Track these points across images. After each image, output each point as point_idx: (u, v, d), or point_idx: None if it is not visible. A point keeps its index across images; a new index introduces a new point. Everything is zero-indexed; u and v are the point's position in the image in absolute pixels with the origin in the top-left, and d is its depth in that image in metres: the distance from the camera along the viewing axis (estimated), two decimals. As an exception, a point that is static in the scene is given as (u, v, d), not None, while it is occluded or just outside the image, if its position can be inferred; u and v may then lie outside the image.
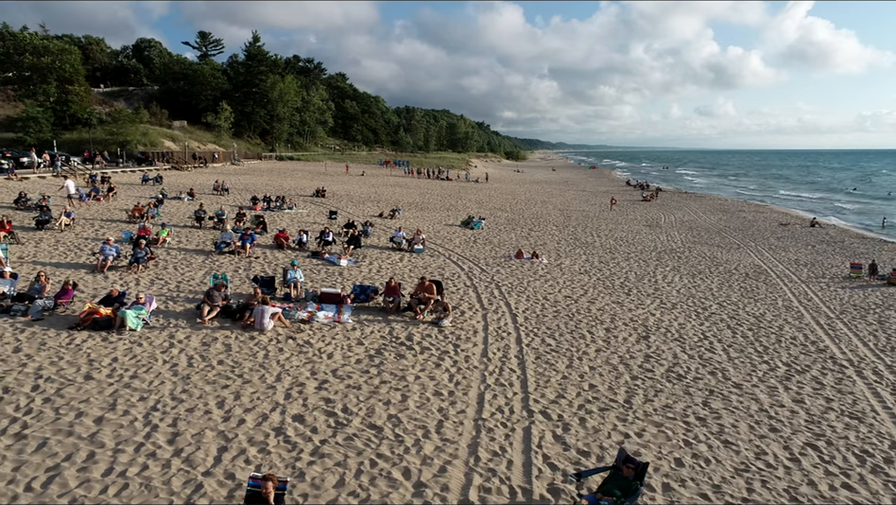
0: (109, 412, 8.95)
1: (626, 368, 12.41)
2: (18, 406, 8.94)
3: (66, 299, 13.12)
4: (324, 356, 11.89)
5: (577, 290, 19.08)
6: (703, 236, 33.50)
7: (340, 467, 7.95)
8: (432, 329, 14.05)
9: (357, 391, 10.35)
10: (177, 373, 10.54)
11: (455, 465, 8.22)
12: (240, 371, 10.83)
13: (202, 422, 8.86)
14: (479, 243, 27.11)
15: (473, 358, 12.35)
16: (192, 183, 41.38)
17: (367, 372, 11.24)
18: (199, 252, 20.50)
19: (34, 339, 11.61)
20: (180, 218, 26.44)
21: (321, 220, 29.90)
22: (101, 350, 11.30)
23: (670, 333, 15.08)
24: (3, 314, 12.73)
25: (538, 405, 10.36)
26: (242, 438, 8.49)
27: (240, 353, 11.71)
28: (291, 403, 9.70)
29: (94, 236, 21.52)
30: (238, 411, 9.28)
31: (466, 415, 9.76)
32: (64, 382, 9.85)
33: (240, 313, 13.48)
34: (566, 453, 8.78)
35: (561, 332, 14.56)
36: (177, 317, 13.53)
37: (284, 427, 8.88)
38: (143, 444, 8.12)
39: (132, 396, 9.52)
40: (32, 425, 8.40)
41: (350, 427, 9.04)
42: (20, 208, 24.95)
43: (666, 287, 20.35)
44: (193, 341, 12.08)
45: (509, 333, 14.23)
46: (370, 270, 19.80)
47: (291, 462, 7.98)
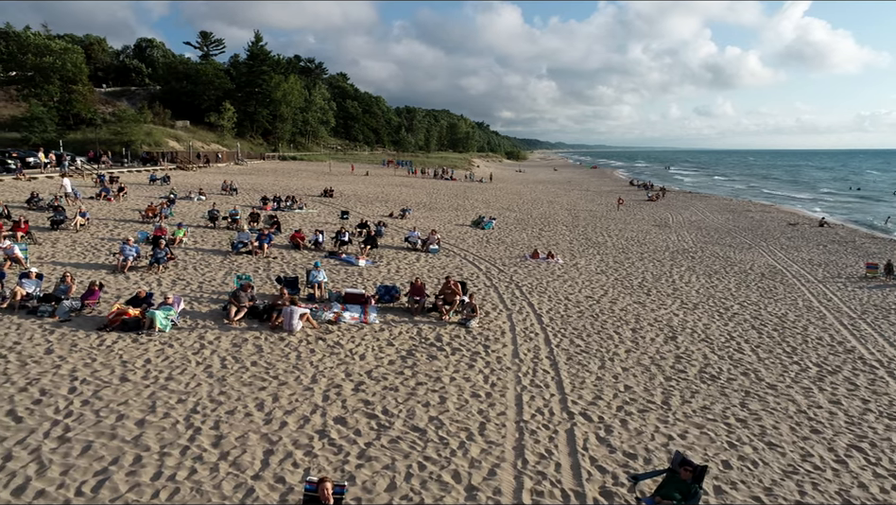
0: (149, 414, 8.83)
1: (658, 369, 12.31)
2: (57, 408, 8.82)
3: (93, 300, 13.01)
4: (356, 357, 11.77)
5: (598, 291, 18.98)
6: (714, 236, 33.41)
7: (389, 470, 7.85)
8: (459, 330, 13.95)
9: (395, 393, 10.24)
10: (212, 374, 10.43)
11: (503, 468, 8.12)
12: (275, 372, 10.72)
13: (244, 424, 8.75)
14: (492, 243, 27.01)
15: (505, 359, 12.26)
16: (199, 183, 41.23)
17: (401, 373, 11.13)
18: (217, 252, 20.38)
19: (64, 340, 11.48)
20: (192, 218, 26.31)
21: (332, 220, 29.78)
22: (133, 351, 11.18)
23: (696, 333, 14.99)
24: (30, 315, 12.61)
25: (577, 406, 10.26)
26: (286, 441, 8.38)
27: (272, 354, 11.59)
28: (330, 405, 9.60)
29: (110, 236, 21.38)
30: (279, 414, 9.17)
31: (507, 417, 9.66)
32: (101, 384, 9.73)
33: (267, 314, 13.36)
34: (613, 456, 8.68)
35: (589, 333, 14.46)
36: (204, 318, 13.42)
37: (327, 430, 8.77)
38: (188, 448, 8.01)
39: (171, 398, 9.40)
40: (74, 427, 8.28)
41: (393, 430, 8.94)
42: (32, 208, 24.81)
43: (685, 287, 20.26)
44: (223, 342, 11.96)
45: (537, 334, 14.13)
46: (388, 271, 19.69)
47: (339, 466, 7.87)
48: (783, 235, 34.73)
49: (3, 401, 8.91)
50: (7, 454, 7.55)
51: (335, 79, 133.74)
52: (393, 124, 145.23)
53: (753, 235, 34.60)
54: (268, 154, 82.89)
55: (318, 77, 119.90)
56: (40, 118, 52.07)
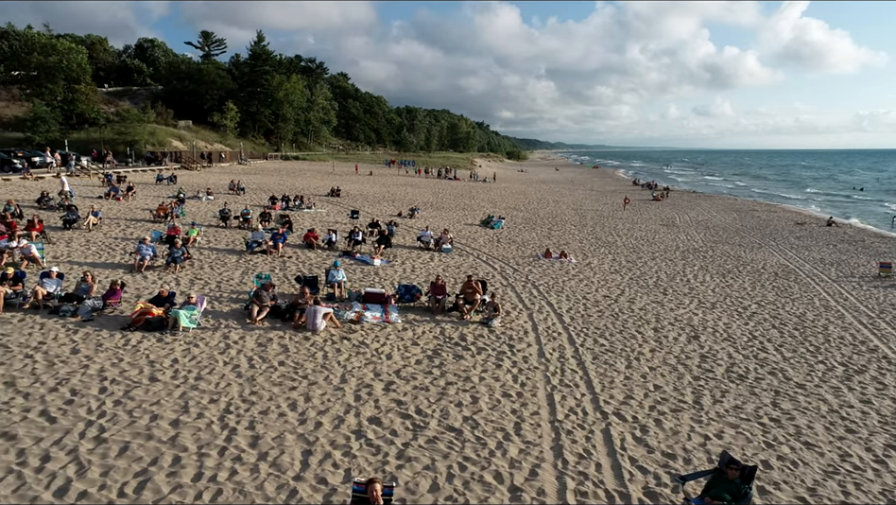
0: (183, 415, 8.74)
1: (685, 368, 12.24)
2: (90, 408, 8.73)
3: (115, 299, 12.91)
4: (383, 356, 11.69)
5: (614, 290, 18.91)
6: (722, 236, 33.34)
7: (430, 471, 7.76)
8: (482, 329, 13.87)
9: (426, 393, 10.16)
10: (240, 374, 10.34)
11: (544, 469, 8.03)
12: (303, 372, 10.63)
13: (280, 425, 8.66)
14: (503, 242, 26.93)
15: (532, 359, 12.18)
16: (204, 183, 41.13)
17: (430, 373, 11.05)
18: (231, 251, 20.29)
19: (89, 339, 11.38)
20: (202, 218, 26.21)
21: (341, 220, 29.70)
22: (159, 351, 11.08)
23: (718, 333, 14.91)
24: (52, 314, 12.51)
25: (609, 406, 10.18)
26: (323, 441, 8.29)
27: (298, 354, 11.50)
28: (363, 405, 9.51)
29: (123, 236, 21.28)
30: (312, 414, 9.08)
31: (541, 417, 9.58)
32: (131, 384, 9.64)
33: (289, 313, 13.28)
34: (652, 456, 8.60)
35: (611, 332, 14.38)
36: (226, 317, 13.33)
37: (363, 430, 8.68)
38: (225, 448, 7.92)
39: (202, 398, 9.31)
40: (109, 428, 8.19)
41: (428, 430, 8.85)
42: (43, 207, 24.69)
43: (700, 286, 20.18)
44: (248, 342, 11.87)
45: (560, 333, 14.05)
46: (403, 270, 19.61)
47: (379, 466, 7.79)
48: (791, 235, 34.66)
49: (35, 401, 8.81)
50: (44, 455, 7.45)
51: (335, 79, 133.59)
52: (394, 124, 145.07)
53: (762, 234, 34.52)
54: (271, 154, 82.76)
55: (319, 76, 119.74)
56: (43, 118, 51.89)
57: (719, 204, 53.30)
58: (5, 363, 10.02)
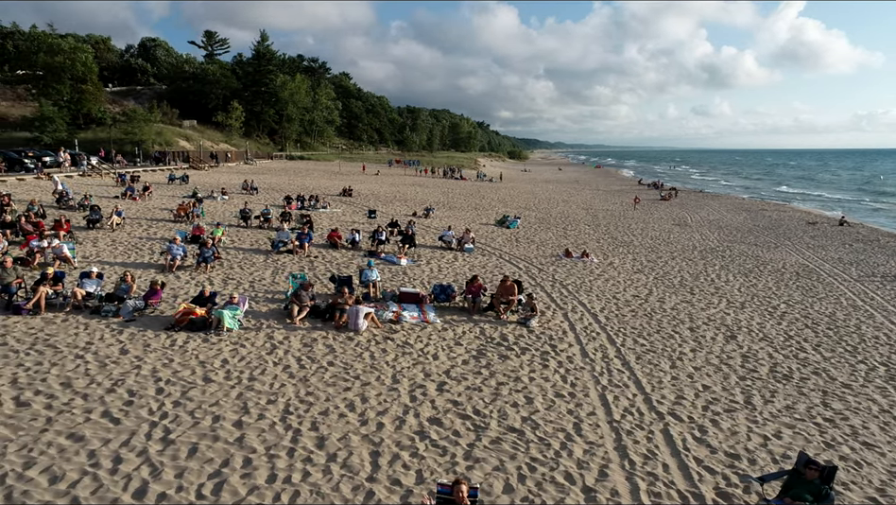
0: (244, 416, 8.69)
1: (729, 368, 12.21)
2: (151, 409, 8.67)
3: (155, 299, 12.86)
4: (429, 357, 11.65)
5: (642, 290, 18.87)
6: (736, 235, 33.32)
7: (501, 472, 7.72)
8: (521, 329, 13.84)
9: (480, 393, 10.12)
10: (292, 375, 10.29)
11: (612, 469, 8.00)
12: (354, 372, 10.59)
13: (342, 426, 8.62)
14: (522, 242, 26.90)
15: (576, 359, 12.14)
16: (215, 182, 41.08)
17: (479, 373, 11.01)
18: (256, 251, 20.24)
19: (135, 340, 11.33)
20: (221, 217, 26.15)
21: (358, 219, 29.66)
22: (207, 351, 11.03)
23: (754, 333, 14.89)
24: (93, 314, 12.44)
25: (663, 406, 10.15)
26: (389, 442, 8.25)
27: (345, 354, 11.46)
28: (420, 406, 9.46)
29: (147, 235, 21.22)
30: (372, 415, 9.04)
31: (598, 417, 9.54)
32: (186, 385, 9.59)
33: (329, 313, 13.23)
34: (716, 456, 8.57)
35: (648, 332, 14.35)
36: (266, 317, 13.28)
37: (425, 431, 8.64)
38: (293, 449, 7.87)
39: (260, 399, 9.26)
40: (174, 429, 8.14)
41: (490, 431, 8.81)
42: (62, 207, 24.60)
43: (725, 286, 20.16)
44: (293, 342, 11.83)
45: (598, 333, 14.02)
46: (430, 270, 19.57)
47: (448, 467, 7.75)
48: (805, 234, 34.66)
49: (95, 402, 8.76)
50: (115, 456, 7.39)
51: (337, 79, 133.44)
52: (396, 123, 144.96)
53: (775, 234, 34.52)
54: (276, 154, 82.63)
55: (321, 76, 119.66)
56: (51, 118, 51.75)
57: (728, 204, 53.31)
58: (58, 364, 9.96)
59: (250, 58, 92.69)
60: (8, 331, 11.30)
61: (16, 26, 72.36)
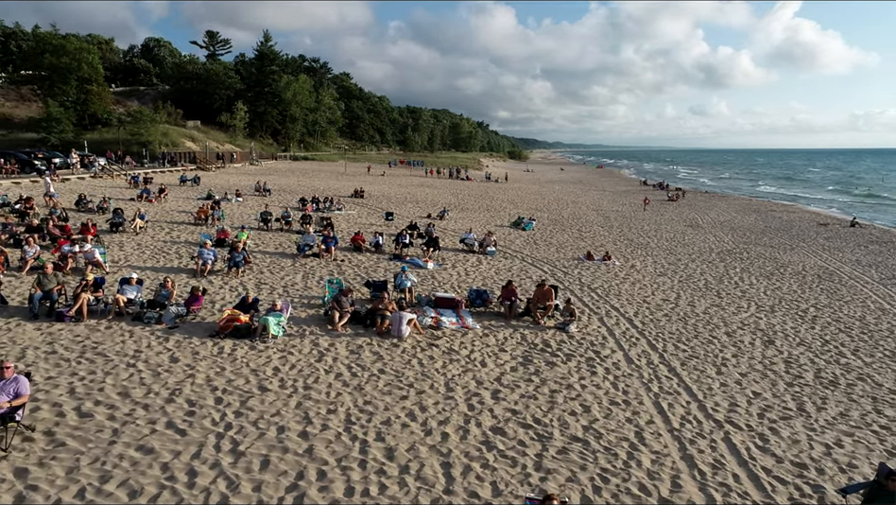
0: (307, 426, 8.63)
1: (775, 374, 12.18)
2: (214, 420, 8.60)
3: (197, 305, 12.77)
4: (477, 364, 11.60)
5: (670, 293, 18.84)
6: (750, 237, 33.31)
7: (575, 483, 7.66)
8: (560, 334, 13.79)
9: (535, 401, 10.07)
10: (346, 383, 10.23)
11: (684, 480, 7.95)
12: (407, 380, 10.53)
13: (407, 436, 8.55)
14: (540, 244, 26.86)
15: (622, 365, 12.09)
16: (224, 184, 40.96)
17: (530, 380, 10.96)
18: (281, 254, 20.15)
19: (183, 347, 11.25)
20: (238, 219, 26.06)
21: (374, 221, 29.58)
22: (256, 359, 10.96)
23: (790, 338, 14.86)
24: (135, 321, 12.35)
25: (719, 414, 10.11)
26: (457, 453, 8.19)
27: (393, 361, 11.40)
28: (479, 414, 9.41)
29: (170, 239, 21.11)
30: (434, 424, 8.98)
31: (657, 426, 9.50)
32: (243, 394, 9.52)
33: (370, 319, 13.16)
34: (783, 466, 8.54)
35: (687, 337, 14.31)
36: (306, 323, 13.21)
37: (491, 441, 8.59)
38: (364, 461, 7.81)
39: (319, 408, 9.20)
40: (242, 441, 8.06)
41: (554, 440, 8.76)
42: (82, 210, 24.46)
43: (750, 289, 20.14)
44: (339, 349, 11.76)
45: (637, 338, 13.98)
46: (457, 274, 19.50)
47: (522, 479, 7.70)
48: (819, 236, 34.67)
49: (157, 412, 8.68)
50: (189, 469, 7.32)
51: (339, 79, 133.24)
52: (398, 124, 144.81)
53: (789, 235, 34.52)
54: (280, 154, 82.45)
55: (323, 76, 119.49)
56: (58, 119, 51.53)
57: (736, 205, 53.32)
58: (111, 373, 9.87)
59: (253, 58, 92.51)
60: (55, 339, 11.20)
61: (19, 26, 72.08)
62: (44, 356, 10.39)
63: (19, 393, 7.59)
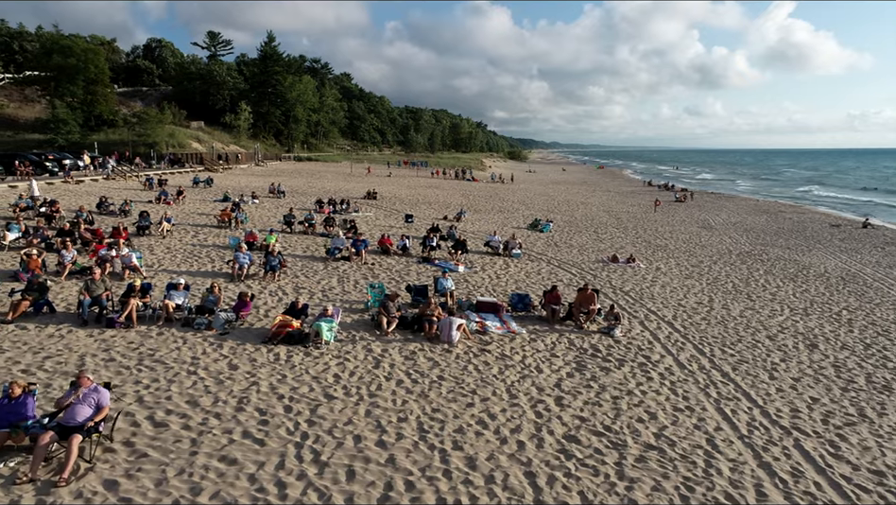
0: (382, 435, 8.56)
1: (826, 379, 12.17)
2: (289, 429, 8.53)
3: (246, 311, 12.67)
4: (533, 369, 11.54)
5: (702, 296, 18.82)
6: (766, 238, 33.35)
7: (661, 492, 7.61)
8: (606, 339, 13.74)
9: (600, 408, 10.02)
10: (409, 390, 10.16)
11: (768, 489, 7.91)
12: (468, 387, 10.47)
13: (483, 444, 8.48)
14: (562, 247, 26.83)
15: (675, 371, 12.06)
16: (235, 185, 40.83)
17: (589, 386, 10.91)
18: (311, 257, 20.07)
19: (239, 354, 11.16)
20: (259, 221, 25.94)
21: (392, 223, 29.49)
22: (314, 366, 10.89)
23: (831, 341, 14.86)
24: (185, 327, 12.24)
25: (783, 420, 10.08)
26: (537, 462, 8.13)
27: (450, 367, 11.34)
28: (549, 422, 9.35)
29: (198, 242, 20.99)
30: (506, 432, 8.93)
31: (726, 433, 9.46)
32: (310, 402, 9.44)
33: (417, 324, 13.09)
34: (860, 473, 8.51)
35: (731, 341, 14.29)
36: (353, 328, 13.13)
37: (568, 450, 8.53)
38: (448, 470, 7.75)
39: (389, 416, 9.13)
40: (322, 451, 7.99)
41: (630, 448, 8.71)
42: (103, 213, 24.31)
43: (778, 292, 20.14)
44: (394, 355, 11.69)
45: (683, 343, 13.95)
46: (489, 277, 19.44)
47: (609, 488, 7.64)
48: (833, 238, 34.73)
49: (230, 421, 8.60)
50: (277, 480, 7.26)
51: (339, 80, 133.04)
52: (398, 124, 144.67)
53: (803, 237, 34.58)
54: (284, 155, 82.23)
55: (324, 77, 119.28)
56: (65, 119, 51.26)
57: (744, 206, 53.43)
58: (174, 381, 9.78)
59: (256, 58, 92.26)
60: (110, 346, 11.10)
61: (23, 26, 71.73)
62: (103, 363, 10.28)
63: (101, 404, 7.49)
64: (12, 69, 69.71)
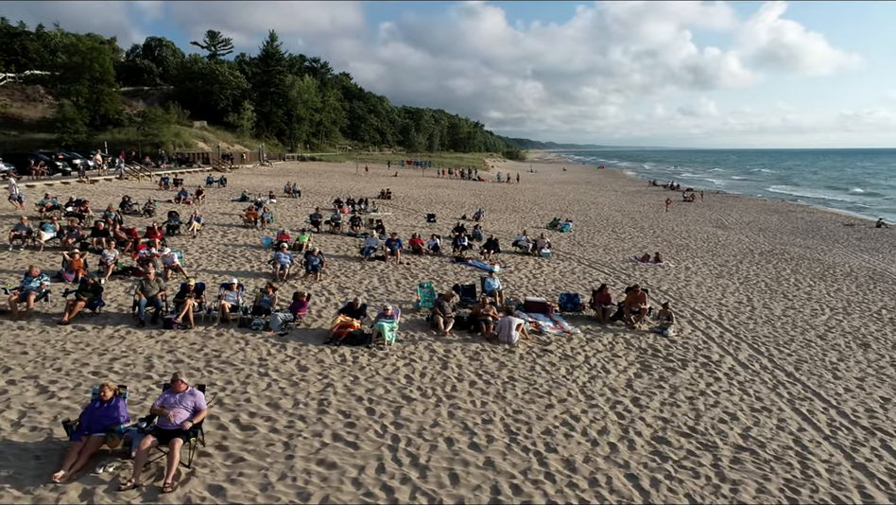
0: (472, 437, 8.39)
1: (890, 378, 12.09)
2: (377, 431, 8.36)
3: (303, 311, 12.47)
4: (599, 370, 11.41)
5: (740, 295, 18.75)
6: (783, 238, 33.35)
7: (768, 495, 7.48)
8: (661, 339, 13.62)
9: (678, 409, 9.90)
10: (484, 391, 10.03)
11: (871, 491, 7.82)
12: (543, 388, 10.35)
13: (574, 446, 8.34)
14: (586, 246, 26.73)
15: (739, 371, 11.96)
16: (247, 185, 40.56)
17: (661, 387, 10.79)
18: (345, 257, 19.88)
19: (304, 355, 10.97)
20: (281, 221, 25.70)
21: (411, 223, 29.34)
22: (383, 367, 10.73)
23: (880, 340, 14.80)
24: (242, 327, 12.04)
25: (861, 420, 10.00)
26: (635, 464, 8.01)
27: (517, 368, 11.19)
28: (633, 424, 9.22)
29: (230, 242, 20.76)
30: (593, 433, 8.81)
31: (810, 433, 9.36)
32: (389, 403, 9.29)
33: (474, 324, 12.93)
34: (959, 474, 8.37)
35: (784, 341, 14.21)
36: (410, 328, 12.96)
37: (662, 452, 8.41)
38: (550, 473, 7.59)
39: (474, 418, 8.98)
40: (419, 454, 7.83)
41: (721, 449, 8.59)
42: (127, 212, 24.03)
43: (812, 291, 20.09)
44: (458, 356, 11.54)
45: (737, 342, 13.86)
46: (525, 276, 19.30)
47: (714, 490, 7.51)
48: (850, 237, 34.78)
49: (316, 424, 8.43)
50: (382, 484, 7.08)
51: (339, 80, 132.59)
52: (398, 124, 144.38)
53: (819, 236, 34.63)
54: (287, 155, 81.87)
55: (324, 76, 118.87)
56: (72, 119, 50.80)
57: (752, 206, 53.51)
58: (249, 382, 9.59)
59: (256, 58, 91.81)
60: (172, 347, 10.89)
61: (24, 25, 71.10)
62: (171, 365, 10.08)
63: (198, 407, 7.30)
64: (14, 68, 69.11)
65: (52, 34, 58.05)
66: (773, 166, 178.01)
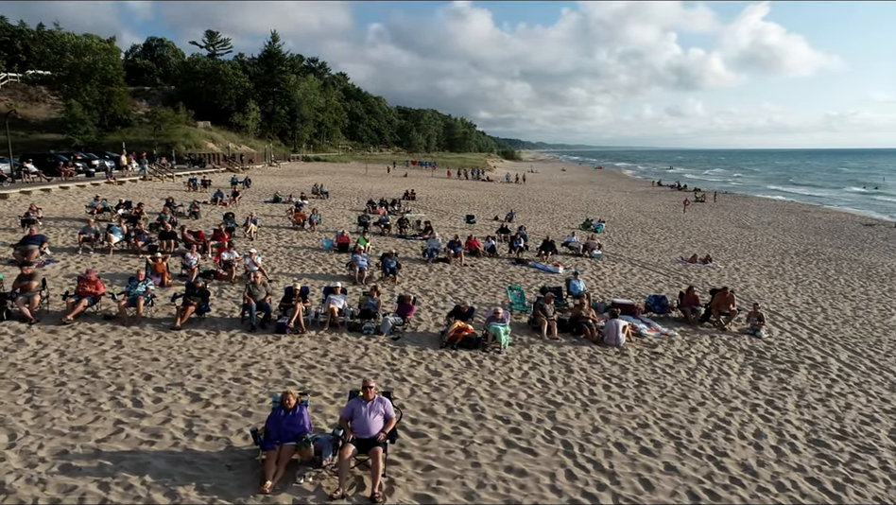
0: (638, 441, 8.33)
1: None
2: (543, 437, 8.29)
3: (410, 314, 12.35)
4: (718, 372, 11.45)
5: (804, 296, 18.87)
6: (810, 238, 33.59)
7: (932, 499, 7.48)
8: (757, 340, 13.64)
9: (816, 411, 9.95)
10: (622, 395, 10.00)
11: None
12: (675, 391, 10.36)
13: (740, 450, 8.32)
14: (628, 247, 26.78)
15: (849, 372, 12.03)
16: (267, 186, 40.16)
17: (787, 389, 10.84)
18: (407, 259, 19.73)
19: (428, 359, 10.86)
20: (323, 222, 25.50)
21: (447, 223, 29.23)
22: (511, 371, 10.66)
23: (963, 341, 14.89)
24: (352, 332, 11.89)
25: None
26: (808, 467, 8.00)
27: (637, 371, 11.19)
28: (782, 426, 9.21)
29: (288, 244, 20.56)
30: (750, 436, 8.78)
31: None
32: (540, 408, 9.22)
33: (576, 327, 12.88)
34: None
35: (873, 342, 14.35)
36: (513, 331, 12.86)
37: (826, 455, 8.44)
38: (734, 478, 7.56)
39: (629, 423, 8.93)
40: (601, 460, 7.75)
41: (881, 452, 8.59)
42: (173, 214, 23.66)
43: (867, 291, 20.26)
44: (577, 360, 11.49)
45: (830, 343, 13.93)
46: (587, 278, 19.25)
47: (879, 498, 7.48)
48: (875, 237, 35.15)
49: (483, 430, 8.32)
50: (583, 492, 7.00)
51: (336, 80, 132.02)
52: (395, 125, 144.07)
53: (845, 236, 34.94)
54: (292, 155, 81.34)
55: (322, 76, 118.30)
56: (81, 119, 50.09)
57: (766, 206, 53.92)
58: (391, 388, 9.44)
59: (256, 58, 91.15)
60: (296, 352, 10.73)
61: (24, 24, 70.01)
62: (305, 371, 9.93)
63: (388, 415, 7.19)
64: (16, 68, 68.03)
65: (59, 34, 57.08)
66: (765, 166, 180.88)
